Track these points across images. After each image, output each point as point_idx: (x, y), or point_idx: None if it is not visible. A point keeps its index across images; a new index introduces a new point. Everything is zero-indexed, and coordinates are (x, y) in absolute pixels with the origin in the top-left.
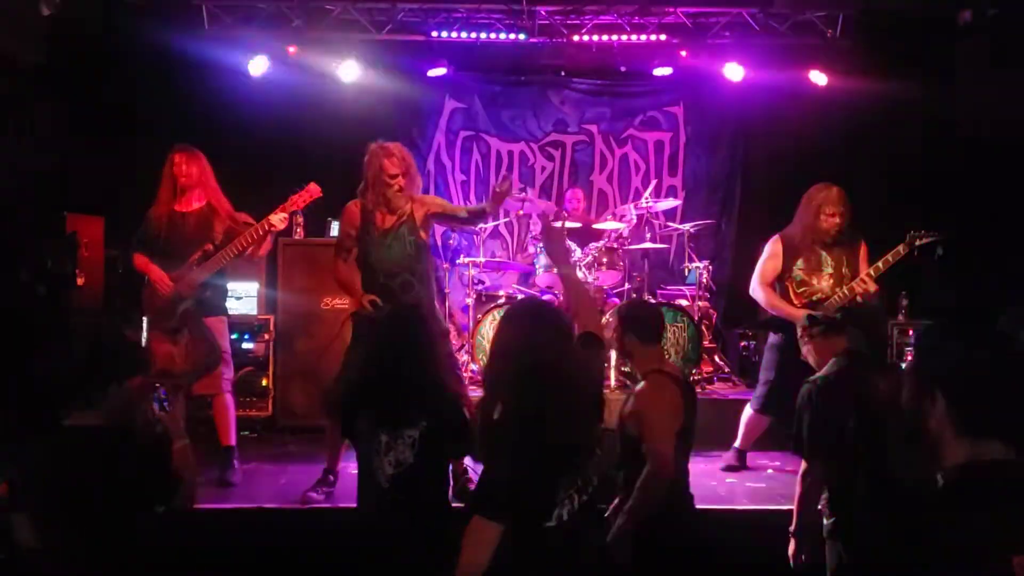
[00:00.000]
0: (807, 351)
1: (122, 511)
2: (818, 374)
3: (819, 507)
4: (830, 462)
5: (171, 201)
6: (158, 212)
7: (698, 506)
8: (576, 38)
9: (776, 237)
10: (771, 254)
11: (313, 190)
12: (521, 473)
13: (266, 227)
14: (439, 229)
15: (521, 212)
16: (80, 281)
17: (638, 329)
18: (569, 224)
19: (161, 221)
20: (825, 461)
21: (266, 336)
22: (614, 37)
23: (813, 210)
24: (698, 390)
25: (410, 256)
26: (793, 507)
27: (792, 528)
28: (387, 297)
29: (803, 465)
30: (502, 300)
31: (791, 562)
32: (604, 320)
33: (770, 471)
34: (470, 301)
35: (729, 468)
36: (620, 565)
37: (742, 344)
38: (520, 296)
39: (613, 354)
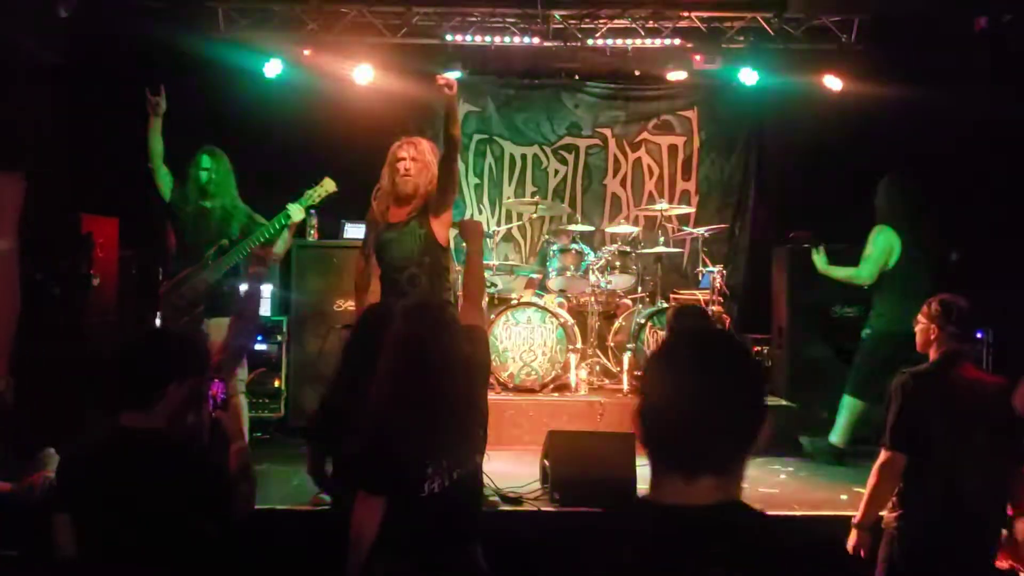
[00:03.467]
0: (920, 330)
1: (173, 523)
2: (915, 368)
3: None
4: (908, 457)
5: (197, 199)
6: (185, 209)
7: None
8: (590, 42)
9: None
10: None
11: (328, 184)
12: (394, 452)
13: (282, 220)
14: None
15: (535, 215)
16: (96, 282)
17: None
18: (581, 228)
19: (188, 217)
20: (904, 455)
21: (279, 338)
22: (628, 41)
23: None
24: None
25: (419, 249)
26: (863, 499)
27: (856, 519)
28: (395, 292)
29: (882, 455)
30: (515, 303)
31: (850, 551)
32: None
33: (783, 476)
34: (483, 303)
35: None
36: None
37: (755, 349)
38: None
39: (627, 358)
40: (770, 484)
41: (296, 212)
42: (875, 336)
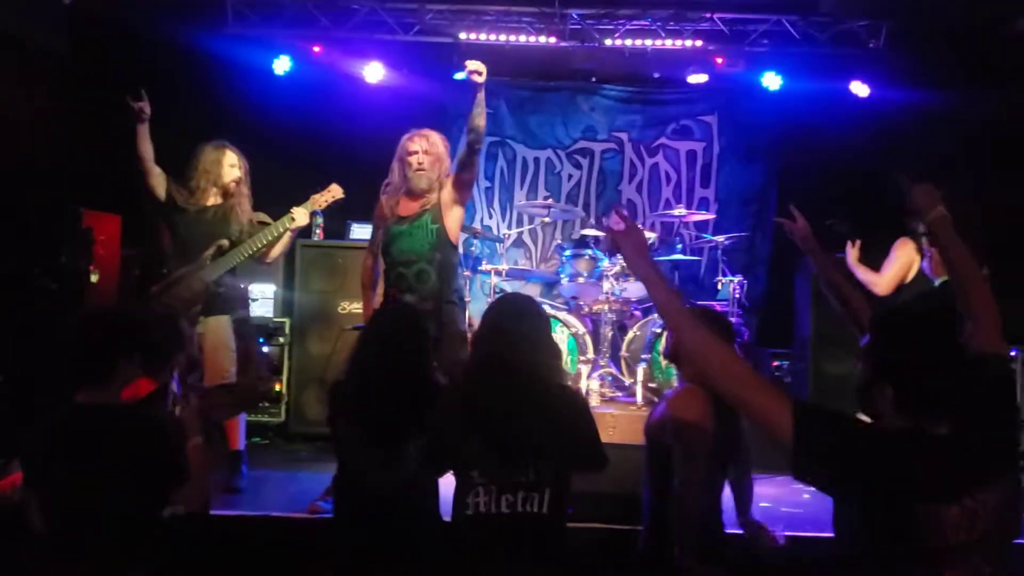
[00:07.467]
0: None
1: (134, 499)
2: None
3: None
4: None
5: (205, 196)
6: (186, 206)
7: (733, 531)
8: (608, 43)
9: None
10: None
11: (335, 190)
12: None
13: (286, 224)
14: (462, 236)
15: (547, 220)
16: (94, 278)
17: None
18: (593, 232)
19: (189, 215)
20: None
21: (281, 340)
22: (648, 42)
23: None
24: None
25: (430, 244)
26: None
27: None
28: (401, 288)
29: None
30: None
31: None
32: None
33: (806, 496)
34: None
35: None
36: None
37: (775, 364)
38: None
39: (640, 370)
40: (793, 504)
41: (301, 216)
42: None
